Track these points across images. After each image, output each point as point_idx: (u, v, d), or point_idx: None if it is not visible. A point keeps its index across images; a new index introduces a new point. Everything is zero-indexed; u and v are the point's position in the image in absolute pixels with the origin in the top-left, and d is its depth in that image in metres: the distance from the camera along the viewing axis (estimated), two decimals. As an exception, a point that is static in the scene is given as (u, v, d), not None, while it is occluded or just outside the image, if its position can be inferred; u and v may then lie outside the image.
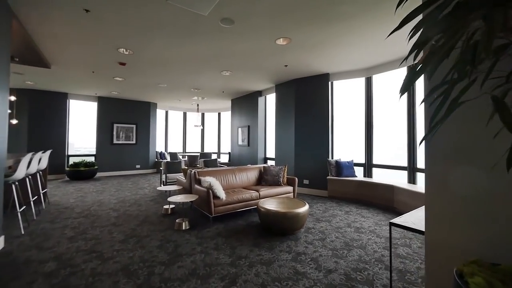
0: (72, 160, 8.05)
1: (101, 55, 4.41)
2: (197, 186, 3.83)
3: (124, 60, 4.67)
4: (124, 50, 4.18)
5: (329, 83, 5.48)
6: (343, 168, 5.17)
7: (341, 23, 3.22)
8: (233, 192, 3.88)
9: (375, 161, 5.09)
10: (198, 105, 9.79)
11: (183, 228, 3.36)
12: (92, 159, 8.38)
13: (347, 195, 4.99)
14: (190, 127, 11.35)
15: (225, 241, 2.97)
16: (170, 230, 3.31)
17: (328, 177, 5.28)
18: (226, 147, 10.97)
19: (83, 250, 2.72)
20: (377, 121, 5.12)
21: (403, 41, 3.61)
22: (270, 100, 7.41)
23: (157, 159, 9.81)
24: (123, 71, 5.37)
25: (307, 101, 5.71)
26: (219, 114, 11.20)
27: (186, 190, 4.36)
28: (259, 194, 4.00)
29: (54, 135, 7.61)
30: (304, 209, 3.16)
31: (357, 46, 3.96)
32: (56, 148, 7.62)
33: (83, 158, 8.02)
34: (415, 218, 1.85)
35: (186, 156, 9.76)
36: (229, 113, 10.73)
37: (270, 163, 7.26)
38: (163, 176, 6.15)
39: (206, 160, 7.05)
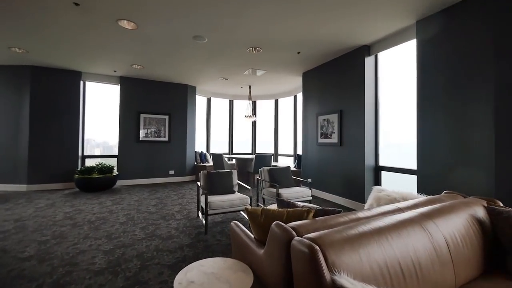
0: (87, 163, 6.03)
1: None
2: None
3: None
4: None
5: None
6: None
7: None
8: None
9: None
10: (250, 87, 6.98)
11: None
12: (114, 161, 6.25)
13: None
14: (238, 120, 8.66)
15: None
16: None
17: None
18: (286, 146, 7.96)
19: None
20: None
21: None
22: (386, 62, 4.11)
23: (196, 162, 7.33)
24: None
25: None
26: (276, 101, 8.24)
27: None
28: None
29: (64, 129, 5.62)
30: None
31: None
32: (66, 145, 5.63)
33: (101, 160, 5.92)
34: None
35: (234, 160, 7.05)
36: (289, 99, 7.70)
37: (388, 177, 3.95)
38: (202, 198, 3.41)
39: (272, 170, 4.11)
